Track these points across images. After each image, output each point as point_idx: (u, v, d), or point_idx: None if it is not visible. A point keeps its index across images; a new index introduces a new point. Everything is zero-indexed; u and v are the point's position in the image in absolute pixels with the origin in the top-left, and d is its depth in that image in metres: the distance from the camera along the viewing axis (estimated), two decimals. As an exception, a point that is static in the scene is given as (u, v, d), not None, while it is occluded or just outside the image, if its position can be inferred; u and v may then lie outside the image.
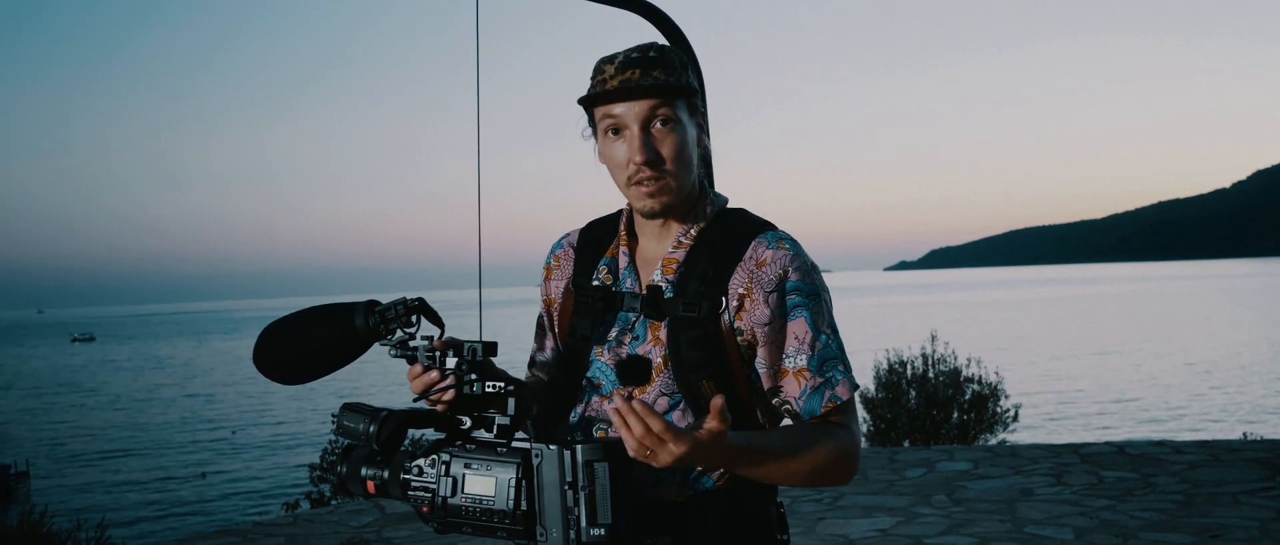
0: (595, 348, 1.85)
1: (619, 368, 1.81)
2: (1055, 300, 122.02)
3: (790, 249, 1.79)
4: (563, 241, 2.01)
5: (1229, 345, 54.18)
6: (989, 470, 7.88)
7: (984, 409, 11.47)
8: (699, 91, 1.82)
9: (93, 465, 32.64)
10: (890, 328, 60.04)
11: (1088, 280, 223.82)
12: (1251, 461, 7.72)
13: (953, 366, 11.82)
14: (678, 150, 1.77)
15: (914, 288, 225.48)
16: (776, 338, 1.75)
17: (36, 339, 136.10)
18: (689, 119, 1.80)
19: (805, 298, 1.76)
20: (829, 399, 1.75)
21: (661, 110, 1.75)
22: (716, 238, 1.82)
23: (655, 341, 1.79)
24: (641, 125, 1.75)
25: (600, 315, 1.86)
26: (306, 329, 1.71)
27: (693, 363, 1.75)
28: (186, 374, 66.80)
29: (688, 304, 1.77)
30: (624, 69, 1.75)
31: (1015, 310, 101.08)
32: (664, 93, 1.75)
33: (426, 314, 1.70)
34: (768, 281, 1.75)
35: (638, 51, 1.77)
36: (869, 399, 11.88)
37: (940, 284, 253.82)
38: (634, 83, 1.73)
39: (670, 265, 1.82)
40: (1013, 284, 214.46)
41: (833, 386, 1.76)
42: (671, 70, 1.76)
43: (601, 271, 1.90)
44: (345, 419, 1.67)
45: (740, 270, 1.77)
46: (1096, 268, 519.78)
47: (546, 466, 1.57)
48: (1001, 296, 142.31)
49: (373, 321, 1.68)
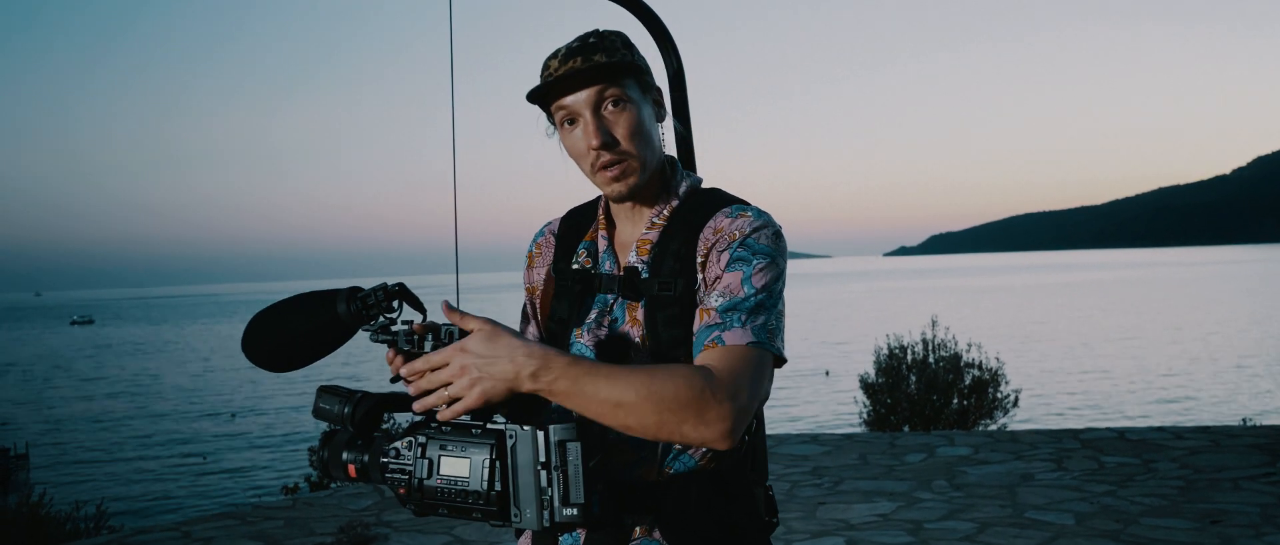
0: (575, 330, 1.85)
1: (598, 349, 1.80)
2: (1055, 286, 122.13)
3: (753, 216, 1.76)
4: (545, 229, 2.02)
5: (1229, 331, 54.23)
6: (989, 455, 7.87)
7: (984, 394, 11.47)
8: (645, 68, 1.80)
9: (92, 448, 32.70)
10: (890, 313, 60.09)
11: (1088, 266, 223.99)
12: (1252, 447, 7.72)
13: (953, 352, 11.83)
14: (633, 128, 1.76)
15: (914, 273, 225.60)
16: (713, 285, 1.72)
17: (35, 322, 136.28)
18: (641, 96, 1.79)
19: (749, 253, 1.71)
20: (713, 340, 1.64)
21: (610, 92, 1.75)
22: (688, 215, 1.81)
23: (633, 322, 1.79)
24: (593, 110, 1.75)
25: (579, 298, 1.86)
26: (291, 317, 1.71)
27: (671, 341, 1.74)
28: (186, 357, 66.86)
29: (663, 283, 1.76)
30: (567, 59, 1.75)
31: (1015, 296, 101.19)
32: (605, 73, 1.74)
33: (407, 299, 1.70)
34: (722, 242, 1.73)
35: (578, 41, 1.77)
36: (870, 384, 11.88)
37: (940, 270, 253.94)
38: (577, 69, 1.73)
39: (645, 246, 1.81)
40: (1013, 270, 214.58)
41: (725, 328, 1.65)
42: (613, 51, 1.75)
43: (581, 255, 1.90)
44: (321, 401, 1.69)
45: (701, 241, 1.76)
46: (1097, 254, 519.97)
47: (521, 447, 1.56)
48: (1001, 282, 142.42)
49: (355, 308, 1.67)
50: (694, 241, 1.77)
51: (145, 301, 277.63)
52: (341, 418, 1.67)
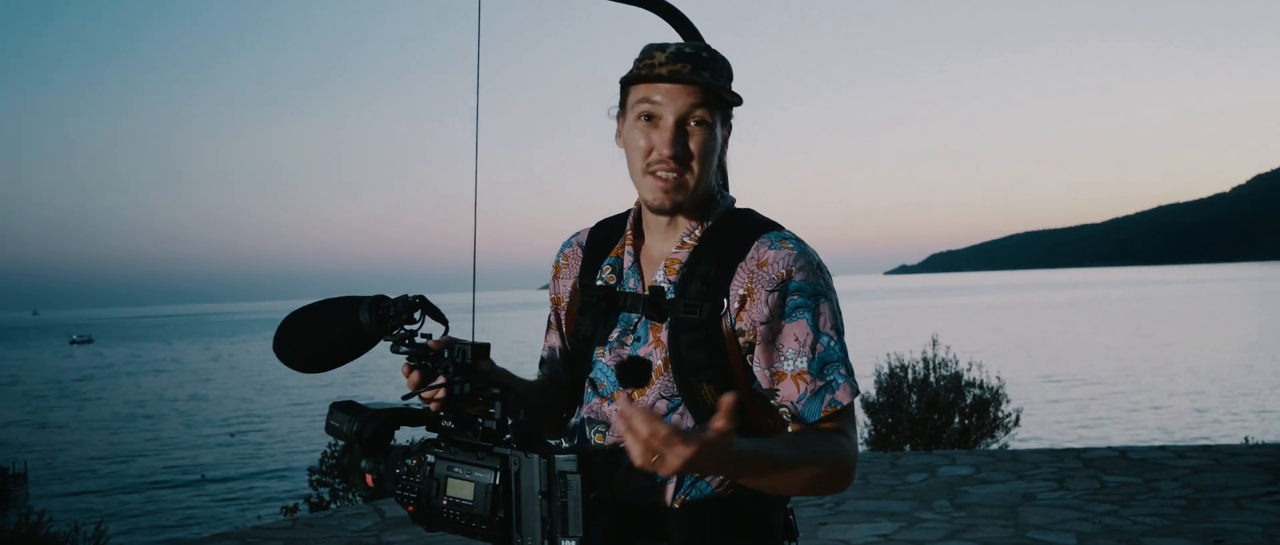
0: (597, 348, 1.83)
1: (619, 369, 1.78)
2: (1056, 304, 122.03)
3: (794, 248, 1.74)
4: (572, 240, 1.99)
5: (1230, 349, 54.15)
6: (991, 475, 7.85)
7: (985, 413, 11.44)
8: (739, 102, 1.80)
9: (91, 468, 32.61)
10: (891, 332, 60.03)
11: (1088, 284, 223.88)
12: (1254, 466, 7.70)
13: (954, 370, 11.80)
14: (704, 152, 1.75)
15: (914, 291, 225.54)
16: (774, 337, 1.71)
17: (33, 341, 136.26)
18: (721, 127, 1.78)
19: (807, 298, 1.71)
20: (829, 403, 1.70)
21: (700, 110, 1.73)
22: (720, 238, 1.78)
23: (656, 343, 1.77)
24: (678, 118, 1.73)
25: (603, 315, 1.83)
26: (317, 321, 1.71)
27: (693, 365, 1.72)
28: (186, 376, 66.79)
29: (689, 305, 1.73)
30: (675, 60, 1.73)
31: (1016, 314, 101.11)
32: (710, 93, 1.73)
33: (429, 311, 1.69)
34: (769, 280, 1.71)
35: (691, 47, 1.76)
36: (870, 403, 11.85)
37: (941, 288, 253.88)
38: (683, 75, 1.71)
39: (673, 265, 1.79)
40: (1013, 288, 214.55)
41: (833, 390, 1.70)
42: (719, 75, 1.75)
43: (605, 271, 1.87)
44: (333, 418, 1.70)
45: (741, 271, 1.73)
46: (1097, 272, 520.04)
47: (525, 475, 1.55)
48: (1002, 300, 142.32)
49: (376, 317, 1.68)
50: (729, 268, 1.74)
51: (145, 320, 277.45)
52: (351, 435, 1.68)
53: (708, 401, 1.72)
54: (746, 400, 1.75)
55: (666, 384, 1.74)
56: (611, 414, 1.78)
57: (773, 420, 1.78)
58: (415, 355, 1.68)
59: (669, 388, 1.74)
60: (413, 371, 1.67)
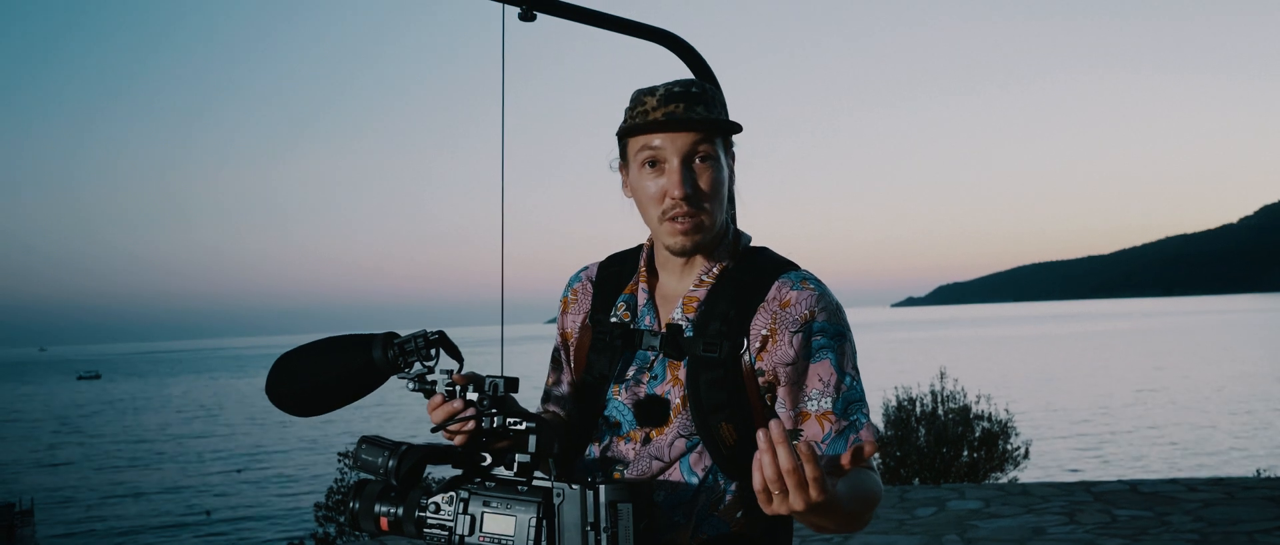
0: (613, 386, 1.81)
1: (636, 408, 1.77)
2: (1064, 336, 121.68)
3: (815, 288, 1.74)
4: (581, 275, 1.97)
5: (1241, 380, 53.89)
6: (1000, 509, 7.79)
7: (994, 446, 11.37)
8: (739, 128, 1.79)
9: (98, 503, 32.55)
10: (899, 365, 59.89)
11: (1097, 316, 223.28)
12: (1267, 499, 7.63)
13: (962, 403, 11.75)
14: (715, 187, 1.74)
15: (922, 324, 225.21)
16: (798, 378, 1.71)
17: (41, 377, 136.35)
18: (726, 157, 1.78)
19: (831, 339, 1.72)
20: (854, 443, 1.69)
21: (703, 146, 1.73)
22: (739, 276, 1.77)
23: (674, 381, 1.75)
24: (682, 159, 1.72)
25: (618, 353, 1.82)
26: (322, 360, 1.69)
27: (712, 404, 1.71)
28: (193, 412, 66.76)
29: (708, 344, 1.72)
30: (667, 102, 1.72)
31: (1024, 346, 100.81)
32: (709, 128, 1.72)
33: (447, 348, 1.68)
34: (792, 321, 1.71)
35: (680, 85, 1.76)
36: (878, 437, 11.78)
37: (948, 320, 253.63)
38: (678, 116, 1.70)
39: (691, 303, 1.78)
40: (1021, 320, 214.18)
41: (857, 429, 1.71)
42: (713, 106, 1.74)
43: (619, 308, 1.86)
44: (364, 453, 1.64)
45: (763, 311, 1.72)
46: (1105, 303, 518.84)
47: (568, 507, 1.54)
48: (1010, 333, 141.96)
49: (392, 354, 1.66)
50: (750, 307, 1.74)
51: (152, 355, 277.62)
52: (386, 470, 1.63)
53: (727, 440, 1.71)
54: None
55: (685, 423, 1.73)
56: (629, 452, 1.77)
57: None
58: (433, 391, 1.67)
59: (687, 426, 1.73)
60: (441, 405, 1.66)
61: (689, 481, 1.73)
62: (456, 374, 1.68)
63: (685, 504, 1.72)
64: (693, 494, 1.72)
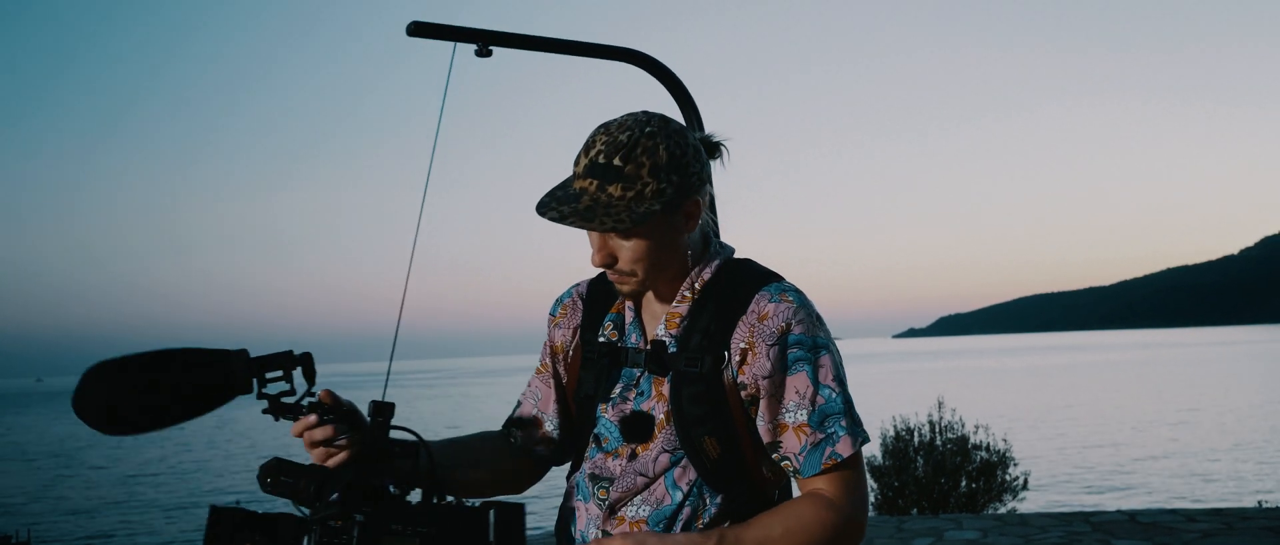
0: (601, 405, 1.83)
1: (622, 425, 1.79)
2: (1064, 367, 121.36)
3: (794, 301, 1.74)
4: (572, 291, 1.98)
5: (1242, 410, 53.72)
6: (998, 539, 7.78)
7: (993, 477, 11.35)
8: (669, 194, 1.67)
9: (97, 535, 32.39)
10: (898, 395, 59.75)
11: (1097, 347, 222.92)
12: (1266, 529, 7.63)
13: (960, 433, 11.74)
14: (638, 255, 1.72)
15: (923, 355, 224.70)
16: (777, 391, 1.72)
17: (38, 407, 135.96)
18: (660, 220, 1.71)
19: (807, 351, 1.72)
20: (829, 456, 1.71)
21: (612, 232, 1.70)
22: (720, 291, 1.78)
23: (659, 397, 1.77)
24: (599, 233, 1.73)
25: (606, 371, 1.84)
26: (165, 374, 1.52)
27: (695, 418, 1.72)
28: (193, 442, 66.54)
29: (690, 359, 1.74)
30: (585, 175, 1.68)
31: (1024, 377, 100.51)
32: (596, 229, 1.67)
33: (306, 371, 1.62)
34: (769, 334, 1.71)
35: (604, 154, 1.66)
36: (876, 467, 11.78)
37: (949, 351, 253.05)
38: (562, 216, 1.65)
39: (674, 319, 1.79)
40: (1022, 351, 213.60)
41: (833, 443, 1.71)
42: (632, 184, 1.64)
43: (607, 327, 1.88)
44: (284, 475, 1.59)
45: (742, 324, 1.73)
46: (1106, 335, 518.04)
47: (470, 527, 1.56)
48: (1010, 363, 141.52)
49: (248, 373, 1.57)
50: (730, 321, 1.74)
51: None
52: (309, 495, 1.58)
53: (710, 454, 1.72)
54: (749, 454, 1.76)
55: (669, 438, 1.75)
56: (616, 469, 1.79)
57: (775, 476, 1.80)
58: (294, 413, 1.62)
59: (671, 441, 1.75)
60: (316, 426, 1.61)
61: (673, 496, 1.75)
62: (323, 392, 1.63)
63: (669, 518, 1.74)
64: (676, 508, 1.74)
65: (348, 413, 1.65)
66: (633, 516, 1.76)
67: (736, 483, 1.75)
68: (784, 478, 1.81)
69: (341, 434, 1.62)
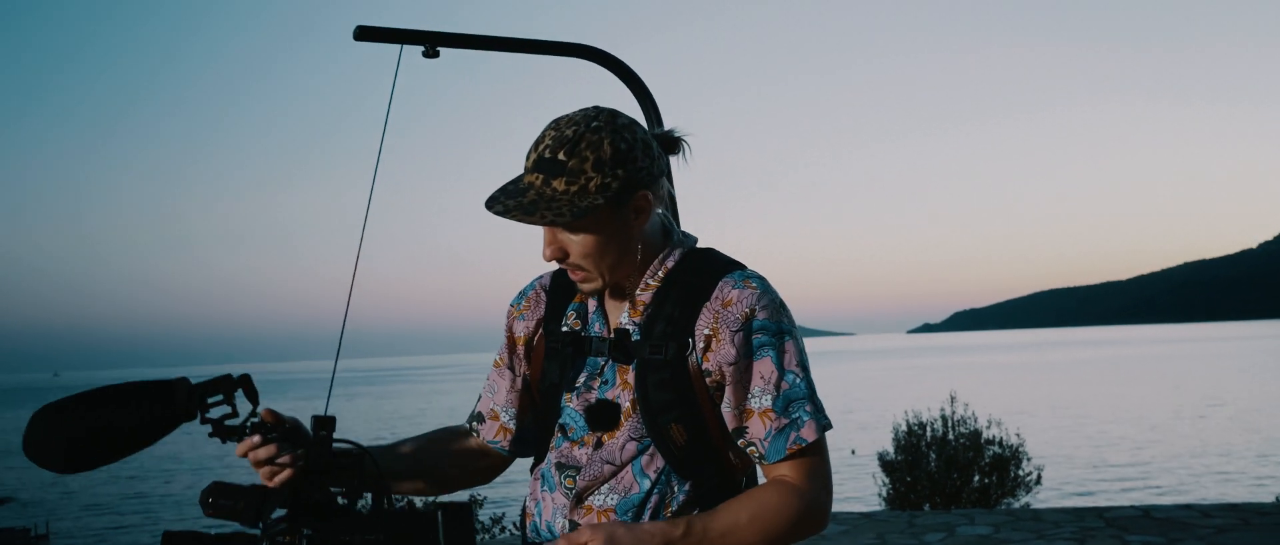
0: (565, 394, 1.83)
1: (587, 413, 1.78)
2: (1080, 362, 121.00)
3: (758, 287, 1.74)
4: (535, 283, 1.98)
5: (1259, 406, 53.45)
6: (1011, 534, 7.74)
7: (1006, 471, 11.31)
8: (609, 198, 1.68)
9: (115, 528, 32.64)
10: (911, 391, 59.66)
11: (1114, 342, 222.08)
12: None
13: (973, 428, 11.70)
14: (588, 249, 1.73)
15: (937, 350, 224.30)
16: (742, 377, 1.72)
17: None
18: (606, 214, 1.71)
19: (771, 336, 1.72)
20: (793, 441, 1.71)
21: (559, 227, 1.72)
22: (684, 278, 1.78)
23: (624, 386, 1.77)
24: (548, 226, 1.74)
25: (570, 361, 1.83)
26: (107, 410, 1.56)
27: (661, 405, 1.73)
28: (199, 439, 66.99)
29: (654, 346, 1.74)
30: (533, 170, 1.70)
31: (1039, 372, 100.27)
32: (537, 223, 1.68)
33: (247, 391, 1.64)
34: (733, 320, 1.71)
35: (550, 149, 1.68)
36: (888, 462, 11.75)
37: (964, 346, 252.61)
38: (529, 200, 1.67)
39: (638, 307, 1.79)
40: (1037, 346, 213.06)
41: (798, 428, 1.71)
42: (576, 178, 1.66)
43: (570, 317, 1.88)
44: (223, 498, 1.59)
45: (706, 310, 1.73)
46: (1123, 329, 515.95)
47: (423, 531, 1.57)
48: (1025, 358, 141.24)
49: (191, 400, 1.59)
50: (695, 307, 1.74)
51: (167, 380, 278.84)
52: (250, 515, 1.58)
53: (677, 441, 1.73)
54: (717, 440, 1.76)
55: (636, 425, 1.74)
56: (582, 457, 1.78)
57: (742, 461, 1.80)
58: (238, 435, 1.63)
59: (638, 429, 1.74)
60: (258, 446, 1.63)
61: (641, 484, 1.74)
62: (265, 411, 1.65)
63: (637, 506, 1.74)
64: (644, 496, 1.74)
65: (290, 430, 1.67)
66: (600, 505, 1.75)
67: (704, 469, 1.75)
68: (751, 464, 1.81)
69: (284, 451, 1.64)
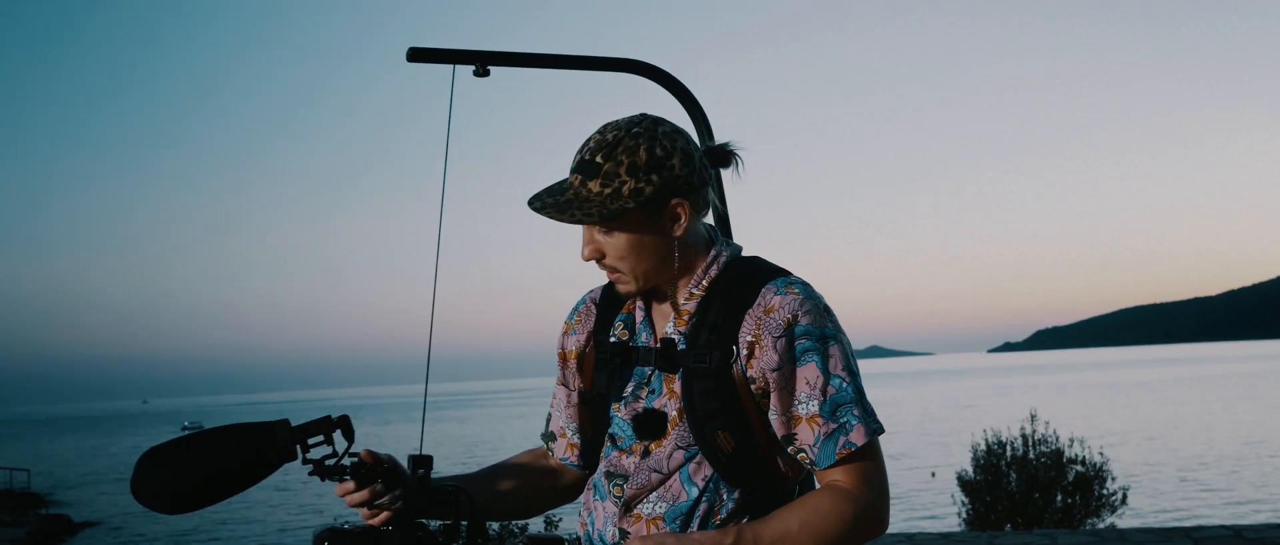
0: (614, 403, 1.86)
1: (635, 422, 1.81)
2: (1168, 380, 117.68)
3: (800, 293, 1.75)
4: (586, 298, 2.02)
5: (1358, 426, 51.45)
6: (1094, 554, 7.60)
7: (1089, 491, 11.06)
8: (641, 202, 1.72)
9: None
10: (991, 410, 58.50)
11: (1203, 360, 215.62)
12: (1378, 545, 7.32)
13: (1055, 447, 11.47)
14: (623, 251, 1.77)
15: (1018, 369, 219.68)
16: (787, 383, 1.72)
17: (146, 428, 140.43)
18: (643, 218, 1.75)
19: (815, 341, 1.72)
20: (843, 445, 1.71)
21: (595, 227, 1.77)
22: (728, 286, 1.80)
23: (670, 394, 1.79)
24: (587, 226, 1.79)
25: (618, 371, 1.87)
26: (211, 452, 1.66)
27: (707, 413, 1.74)
28: (291, 462, 68.01)
29: (698, 354, 1.75)
30: (574, 171, 1.76)
31: (1126, 392, 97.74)
32: (581, 220, 1.72)
33: (345, 431, 1.72)
34: (775, 326, 1.72)
35: (590, 152, 1.74)
36: (968, 482, 11.58)
37: (1046, 365, 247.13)
38: (565, 199, 1.73)
39: (683, 316, 1.82)
40: (1123, 365, 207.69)
41: (847, 432, 1.71)
42: (610, 180, 1.71)
43: (618, 328, 1.91)
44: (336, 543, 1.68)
45: (749, 318, 1.74)
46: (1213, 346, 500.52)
47: None
48: (1111, 378, 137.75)
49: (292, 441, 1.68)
50: (738, 315, 1.75)
51: (255, 406, 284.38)
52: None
53: (724, 449, 1.74)
54: (763, 447, 1.77)
55: (682, 434, 1.77)
56: (630, 466, 1.82)
57: (793, 469, 1.81)
58: (339, 476, 1.70)
59: (685, 438, 1.77)
60: (357, 490, 1.71)
61: (689, 492, 1.77)
62: (364, 452, 1.72)
63: (685, 514, 1.76)
64: (692, 504, 1.76)
65: (388, 469, 1.75)
66: (649, 513, 1.78)
67: (753, 477, 1.76)
68: (802, 471, 1.82)
69: (384, 492, 1.73)
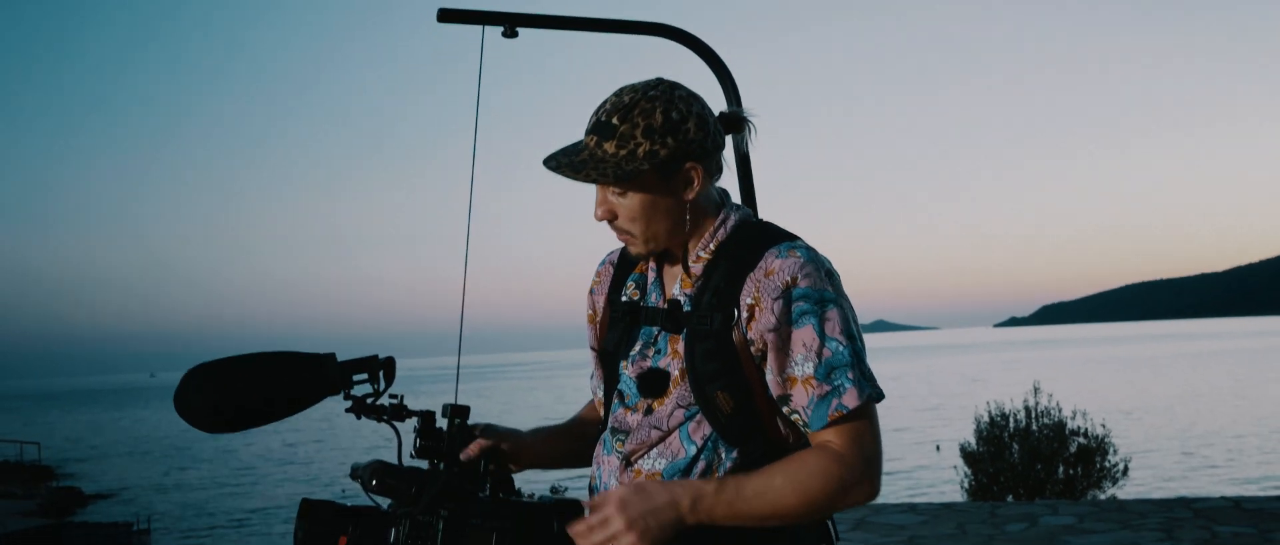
0: (622, 362, 1.92)
1: (639, 380, 1.87)
2: (1173, 356, 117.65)
3: (801, 256, 1.77)
4: (606, 259, 2.09)
5: (1364, 400, 51.48)
6: (1094, 525, 7.66)
7: (1091, 463, 11.14)
8: (661, 156, 1.77)
9: (214, 525, 33.51)
10: (995, 384, 58.61)
11: (1209, 335, 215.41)
12: (1377, 516, 7.38)
13: (1057, 419, 11.54)
14: (635, 213, 1.82)
15: (1024, 344, 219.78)
16: (783, 345, 1.75)
17: (154, 402, 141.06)
18: (656, 180, 1.80)
19: (813, 304, 1.74)
20: (835, 408, 1.72)
21: (610, 186, 1.81)
22: (733, 250, 1.83)
23: (674, 354, 1.84)
24: (601, 186, 1.84)
25: (628, 330, 1.93)
26: (261, 375, 1.71)
27: (707, 374, 1.78)
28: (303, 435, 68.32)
29: (701, 316, 1.79)
30: (590, 132, 1.80)
31: (1129, 366, 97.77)
32: (595, 179, 1.78)
33: (388, 374, 1.80)
34: (774, 288, 1.75)
35: (605, 114, 1.79)
36: (970, 453, 11.65)
37: (1052, 340, 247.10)
38: (580, 159, 1.77)
39: (689, 279, 1.86)
40: (1128, 340, 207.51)
41: (840, 394, 1.72)
42: (625, 142, 1.75)
43: (629, 287, 1.97)
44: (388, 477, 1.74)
45: (750, 281, 1.77)
46: (1219, 322, 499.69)
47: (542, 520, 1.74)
48: (1116, 352, 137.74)
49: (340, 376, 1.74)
50: (740, 278, 1.78)
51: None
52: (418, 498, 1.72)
53: (723, 409, 1.78)
54: (763, 409, 1.80)
55: (683, 393, 1.81)
56: (633, 422, 1.88)
57: (792, 431, 1.83)
58: (379, 416, 1.79)
59: (686, 397, 1.81)
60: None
61: (687, 449, 1.82)
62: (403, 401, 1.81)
63: (684, 470, 1.81)
64: (690, 461, 1.81)
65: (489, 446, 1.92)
66: (649, 469, 1.84)
67: (752, 437, 1.80)
68: (802, 434, 1.83)
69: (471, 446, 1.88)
